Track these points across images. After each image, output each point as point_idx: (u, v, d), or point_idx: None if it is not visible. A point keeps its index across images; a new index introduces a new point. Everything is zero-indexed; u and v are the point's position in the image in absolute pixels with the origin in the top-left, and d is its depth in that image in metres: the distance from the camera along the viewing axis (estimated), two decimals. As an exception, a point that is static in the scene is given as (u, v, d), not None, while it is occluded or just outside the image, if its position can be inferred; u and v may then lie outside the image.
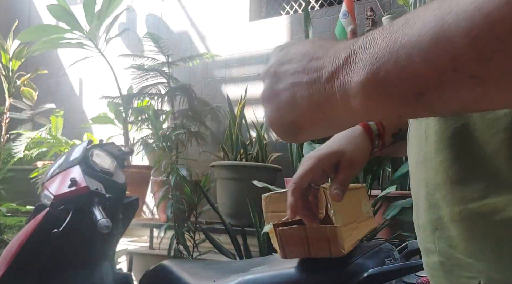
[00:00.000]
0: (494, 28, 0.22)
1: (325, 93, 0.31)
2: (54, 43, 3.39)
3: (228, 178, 2.90)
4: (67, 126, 3.76)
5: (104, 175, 1.36)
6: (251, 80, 3.44)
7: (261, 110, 3.37)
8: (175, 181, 2.45)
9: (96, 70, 3.86)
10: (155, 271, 1.32)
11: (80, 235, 1.27)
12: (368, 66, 0.28)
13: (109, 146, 1.53)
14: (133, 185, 3.04)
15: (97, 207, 1.18)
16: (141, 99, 3.21)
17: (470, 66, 0.23)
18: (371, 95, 0.29)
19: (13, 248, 1.26)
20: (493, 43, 0.22)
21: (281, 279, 1.01)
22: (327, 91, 0.31)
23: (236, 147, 3.08)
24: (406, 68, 0.26)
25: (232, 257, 2.15)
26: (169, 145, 2.59)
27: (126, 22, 3.97)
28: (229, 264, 1.33)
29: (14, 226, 2.74)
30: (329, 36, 3.20)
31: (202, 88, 3.60)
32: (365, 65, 0.28)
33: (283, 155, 3.12)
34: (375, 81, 0.28)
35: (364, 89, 0.29)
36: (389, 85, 0.27)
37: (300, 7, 3.47)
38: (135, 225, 2.99)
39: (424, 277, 0.95)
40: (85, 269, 1.35)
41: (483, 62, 0.23)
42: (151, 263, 2.47)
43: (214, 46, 3.61)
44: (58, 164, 1.40)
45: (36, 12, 4.46)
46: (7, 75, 3.55)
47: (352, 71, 0.29)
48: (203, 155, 3.44)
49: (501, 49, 0.22)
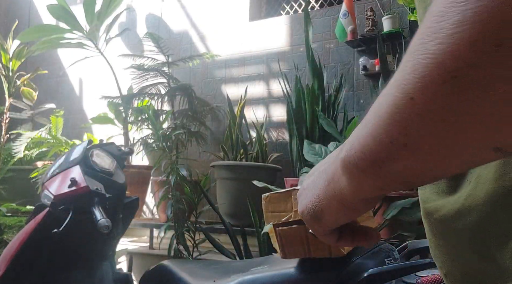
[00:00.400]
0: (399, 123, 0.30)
1: (331, 189, 0.42)
2: (54, 43, 3.39)
3: (228, 178, 2.90)
4: (67, 126, 3.76)
5: (104, 175, 1.36)
6: (251, 80, 3.44)
7: (261, 110, 3.37)
8: (175, 181, 2.45)
9: (96, 70, 3.86)
10: (155, 271, 1.32)
11: (80, 235, 1.27)
12: (343, 157, 0.37)
13: (109, 146, 1.53)
14: (133, 185, 3.04)
15: (97, 207, 1.18)
16: (141, 99, 3.22)
17: (398, 138, 0.31)
18: (351, 175, 0.37)
19: (13, 248, 1.26)
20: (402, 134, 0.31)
21: (281, 279, 1.01)
22: (331, 188, 0.41)
23: (236, 147, 3.08)
24: (364, 147, 0.34)
25: (232, 257, 2.15)
26: (169, 145, 2.59)
27: (126, 22, 3.98)
28: (229, 264, 1.33)
29: (14, 226, 2.74)
30: (329, 36, 3.20)
31: (202, 88, 3.60)
32: (343, 158, 0.38)
33: (283, 155, 3.12)
34: (348, 165, 0.37)
35: (344, 171, 0.38)
36: (357, 164, 0.36)
37: (300, 7, 3.47)
38: (135, 225, 2.99)
39: (424, 277, 0.95)
40: (85, 269, 1.35)
41: (406, 135, 0.30)
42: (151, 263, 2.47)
43: (214, 46, 3.61)
44: (58, 164, 1.40)
45: (36, 12, 4.46)
46: (7, 75, 3.55)
47: (338, 167, 0.39)
48: (203, 155, 3.44)
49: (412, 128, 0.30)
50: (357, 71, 3.09)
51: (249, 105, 3.36)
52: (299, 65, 3.13)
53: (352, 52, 3.13)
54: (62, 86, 4.30)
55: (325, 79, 2.80)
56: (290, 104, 2.76)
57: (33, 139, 3.29)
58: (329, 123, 2.43)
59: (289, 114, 2.78)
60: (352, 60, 3.12)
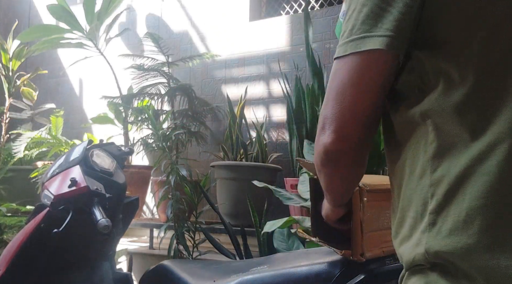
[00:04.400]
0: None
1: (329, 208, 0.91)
2: (54, 43, 3.39)
3: (228, 178, 2.90)
4: (67, 126, 3.76)
5: (104, 175, 1.36)
6: (251, 80, 3.44)
7: (261, 110, 3.37)
8: (175, 181, 2.45)
9: (96, 70, 3.86)
10: (155, 271, 1.32)
11: (80, 235, 1.27)
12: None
13: (109, 146, 1.53)
14: (133, 185, 3.04)
15: (97, 207, 1.18)
16: (141, 99, 3.21)
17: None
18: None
19: (13, 248, 1.26)
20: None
21: (281, 279, 1.01)
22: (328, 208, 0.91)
23: (236, 147, 3.08)
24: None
25: (232, 257, 2.15)
26: (169, 145, 2.59)
27: (126, 22, 3.97)
28: (229, 264, 1.33)
29: (14, 226, 2.74)
30: (329, 36, 3.20)
31: (202, 88, 3.60)
32: None
33: (283, 155, 3.12)
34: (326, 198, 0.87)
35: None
36: (327, 198, 0.86)
37: (300, 7, 3.47)
38: (135, 225, 2.99)
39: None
40: (85, 269, 1.36)
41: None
42: (151, 263, 2.47)
43: (214, 46, 3.61)
44: (58, 164, 1.40)
45: (36, 12, 4.46)
46: (7, 75, 3.55)
47: None
48: (203, 155, 3.44)
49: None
50: (357, 71, 3.08)
51: (249, 105, 3.36)
52: (299, 65, 3.13)
53: (352, 52, 3.12)
54: (62, 86, 4.30)
55: (325, 79, 2.80)
56: (290, 104, 2.76)
57: (33, 139, 3.29)
58: (329, 123, 2.42)
59: (289, 114, 2.78)
60: (352, 60, 3.12)
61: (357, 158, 0.70)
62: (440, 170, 0.61)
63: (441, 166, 0.61)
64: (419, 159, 0.64)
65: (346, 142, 0.67)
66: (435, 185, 0.61)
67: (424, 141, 0.64)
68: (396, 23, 0.62)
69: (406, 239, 0.66)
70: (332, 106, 0.66)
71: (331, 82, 0.67)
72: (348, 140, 0.67)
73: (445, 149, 0.61)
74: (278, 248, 2.02)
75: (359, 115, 0.66)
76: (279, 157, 3.07)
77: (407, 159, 0.67)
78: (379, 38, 0.62)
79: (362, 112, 0.66)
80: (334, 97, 0.66)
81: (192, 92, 3.27)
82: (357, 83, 0.64)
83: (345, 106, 0.65)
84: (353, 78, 0.64)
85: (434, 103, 0.62)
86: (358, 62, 0.64)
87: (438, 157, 0.62)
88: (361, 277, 0.91)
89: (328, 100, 0.67)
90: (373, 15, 0.63)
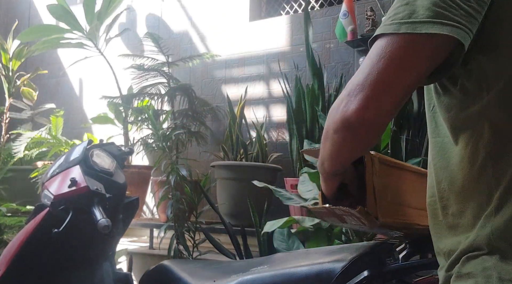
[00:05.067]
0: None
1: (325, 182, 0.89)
2: (54, 43, 3.39)
3: (228, 178, 2.90)
4: (67, 126, 3.76)
5: (104, 175, 1.36)
6: (251, 80, 3.44)
7: (261, 110, 3.37)
8: (175, 181, 2.45)
9: (96, 70, 3.86)
10: (155, 271, 1.32)
11: (80, 235, 1.27)
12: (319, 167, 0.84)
13: (109, 146, 1.53)
14: (133, 185, 3.04)
15: (97, 207, 1.18)
16: (141, 99, 3.21)
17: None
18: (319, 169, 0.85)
19: (13, 248, 1.26)
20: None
21: (281, 279, 1.01)
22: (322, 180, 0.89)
23: (236, 147, 3.08)
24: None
25: (232, 257, 2.15)
26: (169, 145, 2.59)
27: (126, 22, 3.97)
28: (229, 264, 1.33)
29: (14, 226, 2.74)
30: (329, 36, 3.21)
31: (202, 88, 3.60)
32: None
33: (283, 155, 3.12)
34: (319, 168, 0.84)
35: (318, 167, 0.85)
36: (322, 166, 0.82)
37: (300, 7, 3.47)
38: (135, 225, 2.99)
39: (424, 277, 0.95)
40: (85, 269, 1.35)
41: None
42: (151, 263, 2.47)
43: (214, 46, 3.61)
44: (58, 164, 1.40)
45: (36, 12, 4.46)
46: (7, 75, 3.55)
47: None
48: (203, 155, 3.44)
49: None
50: (357, 71, 3.08)
51: (249, 105, 3.36)
52: (299, 65, 3.13)
53: (352, 52, 3.13)
54: (62, 86, 4.30)
55: (325, 79, 2.80)
56: (290, 104, 2.76)
57: (33, 139, 3.29)
58: (329, 123, 2.42)
59: (289, 114, 2.78)
60: (352, 60, 3.12)
61: (373, 133, 0.71)
62: (502, 163, 0.66)
63: (503, 160, 0.66)
64: (479, 154, 0.68)
65: (373, 111, 0.67)
66: (498, 175, 0.66)
67: (482, 138, 0.67)
68: (464, 18, 0.64)
69: (468, 228, 0.68)
70: (369, 74, 0.67)
71: (372, 55, 0.68)
72: (375, 111, 0.67)
73: (505, 145, 0.66)
74: (278, 248, 2.02)
75: (395, 91, 0.67)
76: (279, 157, 3.07)
77: (465, 156, 0.69)
78: (446, 26, 0.63)
79: (399, 89, 0.67)
80: (374, 68, 0.66)
81: (192, 92, 3.27)
82: (406, 61, 0.66)
83: (385, 79, 0.66)
84: (403, 56, 0.66)
85: (493, 104, 0.66)
86: (414, 42, 0.65)
87: (498, 152, 0.66)
88: (361, 277, 0.91)
89: (365, 69, 0.67)
90: (442, 6, 0.65)
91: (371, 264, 0.95)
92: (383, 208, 0.87)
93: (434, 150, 0.77)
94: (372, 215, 0.85)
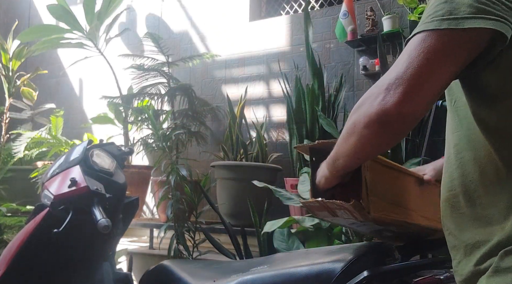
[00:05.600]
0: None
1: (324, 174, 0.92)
2: (54, 43, 3.39)
3: (228, 178, 2.90)
4: (67, 126, 3.76)
5: (104, 175, 1.36)
6: (251, 80, 3.44)
7: (261, 110, 3.37)
8: (175, 181, 2.45)
9: (96, 70, 3.86)
10: (155, 271, 1.32)
11: (80, 235, 1.27)
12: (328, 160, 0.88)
13: (109, 146, 1.52)
14: (133, 185, 3.04)
15: (97, 207, 1.18)
16: (141, 99, 3.21)
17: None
18: (328, 168, 0.89)
19: (13, 248, 1.26)
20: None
21: (281, 279, 1.01)
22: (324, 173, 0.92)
23: (236, 147, 3.08)
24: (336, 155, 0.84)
25: (232, 257, 2.15)
26: (169, 145, 2.59)
27: (126, 22, 3.98)
28: (229, 264, 1.33)
29: (14, 226, 2.74)
30: (329, 36, 3.21)
31: (202, 88, 3.60)
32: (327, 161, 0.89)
33: (283, 155, 3.12)
34: (330, 165, 0.88)
35: (327, 166, 0.89)
36: (334, 163, 0.85)
37: (300, 7, 3.47)
38: (135, 225, 2.99)
39: (424, 277, 0.95)
40: (85, 269, 1.35)
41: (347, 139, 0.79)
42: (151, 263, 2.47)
43: (214, 46, 3.61)
44: (58, 164, 1.40)
45: (36, 12, 4.46)
46: (7, 75, 3.55)
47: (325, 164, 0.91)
48: (203, 155, 3.44)
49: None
50: (357, 71, 3.09)
51: (249, 105, 3.36)
52: (299, 65, 3.13)
53: (352, 52, 3.13)
54: (62, 86, 4.30)
55: (325, 79, 2.80)
56: (290, 104, 2.76)
57: (33, 139, 3.29)
58: (329, 123, 2.43)
59: (289, 114, 2.78)
60: (352, 60, 3.12)
61: (406, 128, 0.71)
62: None
63: None
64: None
65: (413, 105, 0.67)
66: None
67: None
68: (505, 12, 0.66)
69: (500, 218, 0.67)
70: (408, 68, 0.67)
71: (411, 50, 0.68)
72: (415, 104, 0.67)
73: None
74: (278, 248, 2.02)
75: (435, 84, 0.67)
76: (279, 157, 3.07)
77: (498, 146, 0.69)
78: (489, 21, 0.65)
79: (439, 82, 0.68)
80: (414, 62, 0.67)
81: (192, 92, 3.27)
82: (447, 54, 0.67)
83: (426, 72, 0.66)
84: (444, 50, 0.67)
85: None
86: (456, 37, 0.66)
87: None
88: (361, 277, 0.91)
89: (404, 64, 0.68)
90: (484, 2, 0.66)
91: (371, 264, 0.95)
92: (374, 202, 0.89)
93: (459, 144, 0.76)
94: (365, 210, 0.87)
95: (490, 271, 0.66)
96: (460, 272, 0.73)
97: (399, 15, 2.92)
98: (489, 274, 0.66)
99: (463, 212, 0.74)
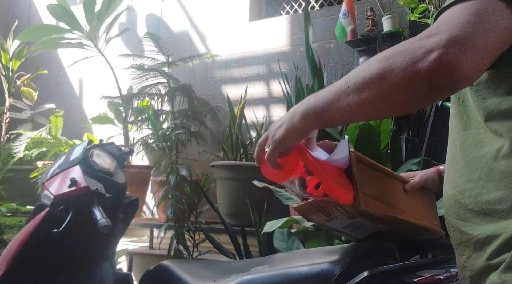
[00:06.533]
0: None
1: (291, 124, 0.78)
2: (54, 43, 3.39)
3: (228, 178, 2.90)
4: (67, 126, 3.76)
5: (104, 175, 1.36)
6: (251, 80, 3.44)
7: (261, 110, 3.37)
8: (175, 181, 2.45)
9: (96, 70, 3.86)
10: (155, 271, 1.32)
11: (80, 235, 1.27)
12: (305, 108, 0.74)
13: (109, 146, 1.52)
14: (133, 185, 3.04)
15: (97, 207, 1.18)
16: (141, 99, 3.21)
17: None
18: (304, 118, 0.75)
19: (13, 248, 1.26)
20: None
21: (281, 279, 1.01)
22: (291, 123, 0.78)
23: (236, 146, 3.08)
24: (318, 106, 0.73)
25: (232, 257, 2.15)
26: (169, 145, 2.59)
27: (126, 22, 3.98)
28: (229, 264, 1.33)
29: (14, 226, 2.74)
30: (329, 36, 3.20)
31: (202, 88, 3.60)
32: (304, 108, 0.75)
33: (283, 155, 3.12)
34: (305, 111, 0.74)
35: (301, 114, 0.75)
36: (309, 112, 0.73)
37: (300, 7, 3.47)
38: (135, 225, 2.99)
39: (424, 277, 0.95)
40: (85, 269, 1.35)
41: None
42: (151, 263, 2.47)
43: (214, 46, 3.61)
44: (58, 164, 1.40)
45: (36, 12, 4.46)
46: (7, 75, 3.55)
47: (296, 112, 0.76)
48: (203, 155, 3.44)
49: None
50: (357, 71, 3.08)
51: (249, 105, 3.36)
52: (299, 65, 3.13)
53: (352, 52, 3.13)
54: (62, 86, 4.30)
55: (325, 79, 2.80)
56: (290, 104, 2.76)
57: (33, 139, 3.29)
58: (329, 123, 2.42)
59: (289, 114, 2.78)
60: (352, 60, 3.12)
61: (447, 94, 0.63)
62: None
63: None
64: None
65: (475, 69, 0.60)
66: None
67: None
68: None
69: (510, 213, 0.67)
70: (467, 22, 0.61)
71: (452, 14, 0.64)
72: (477, 69, 0.60)
73: None
74: (278, 248, 2.02)
75: (500, 48, 0.63)
76: (279, 157, 3.07)
77: (506, 143, 0.69)
78: None
79: (495, 44, 0.62)
80: (473, 20, 0.61)
81: (192, 92, 3.27)
82: (494, 19, 0.63)
83: (486, 30, 0.61)
84: (490, 14, 0.63)
85: None
86: (498, 5, 0.63)
87: None
88: (361, 277, 0.91)
89: (466, 21, 0.61)
90: None
91: (371, 264, 0.95)
92: (364, 197, 0.90)
93: (466, 142, 0.76)
94: (356, 201, 0.88)
95: (503, 266, 0.66)
96: (470, 267, 0.73)
97: (399, 15, 2.92)
98: (503, 269, 0.66)
99: (471, 208, 0.73)
